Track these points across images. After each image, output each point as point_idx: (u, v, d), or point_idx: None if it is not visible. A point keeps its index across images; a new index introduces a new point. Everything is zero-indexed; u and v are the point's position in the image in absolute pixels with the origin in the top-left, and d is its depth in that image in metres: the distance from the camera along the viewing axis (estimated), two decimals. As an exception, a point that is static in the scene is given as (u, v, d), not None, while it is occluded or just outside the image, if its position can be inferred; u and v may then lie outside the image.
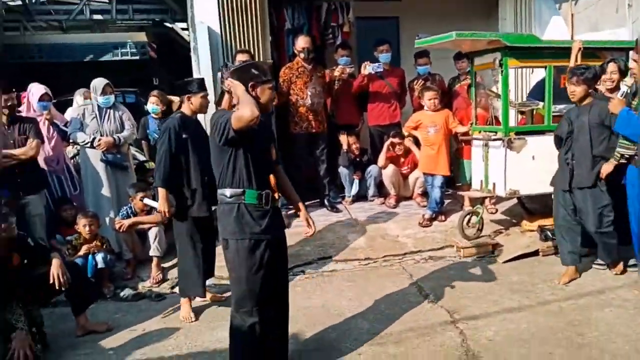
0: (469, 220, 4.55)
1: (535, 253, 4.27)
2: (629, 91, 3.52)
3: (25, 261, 3.17)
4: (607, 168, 3.63)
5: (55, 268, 3.08)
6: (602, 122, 3.62)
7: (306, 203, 5.45)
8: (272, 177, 2.65)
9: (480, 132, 4.77)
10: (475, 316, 3.34)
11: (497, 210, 5.17)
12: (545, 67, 4.42)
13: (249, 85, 2.47)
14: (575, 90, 3.68)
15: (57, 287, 3.10)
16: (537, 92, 4.81)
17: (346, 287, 3.90)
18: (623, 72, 3.97)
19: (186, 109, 3.58)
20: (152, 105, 5.03)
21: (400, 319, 3.35)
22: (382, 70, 5.60)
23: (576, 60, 4.14)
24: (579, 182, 3.67)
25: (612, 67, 3.99)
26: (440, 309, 3.49)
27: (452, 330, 3.18)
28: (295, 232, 4.83)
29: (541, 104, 4.57)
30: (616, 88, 3.87)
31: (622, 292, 3.55)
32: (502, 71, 4.33)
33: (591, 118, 3.65)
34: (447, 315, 3.38)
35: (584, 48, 4.18)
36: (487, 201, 4.91)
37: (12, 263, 3.07)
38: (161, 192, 3.47)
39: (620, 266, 3.82)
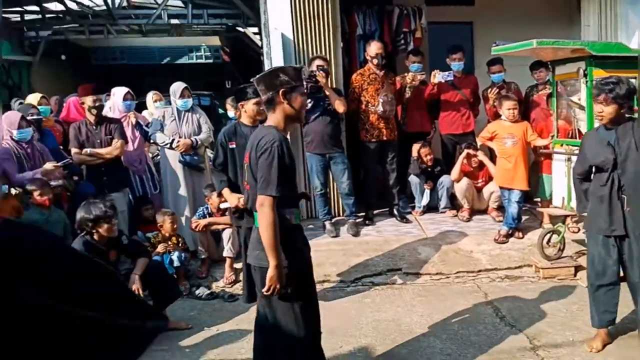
0: (549, 239, 4.31)
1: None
2: None
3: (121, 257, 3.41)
4: None
5: (134, 284, 3.26)
6: None
7: (375, 212, 5.49)
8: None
9: (562, 145, 4.52)
10: (558, 344, 3.16)
11: (579, 230, 4.87)
12: (635, 78, 4.12)
13: (280, 91, 2.27)
14: (604, 110, 2.99)
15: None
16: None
17: (417, 302, 3.81)
18: None
19: (243, 117, 3.64)
20: (230, 112, 5.13)
21: (475, 341, 3.23)
22: (452, 79, 5.45)
23: None
24: (638, 224, 2.92)
25: None
26: (519, 333, 3.32)
27: (532, 357, 3.02)
28: (364, 241, 4.81)
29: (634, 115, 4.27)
30: None
31: None
32: (586, 82, 4.07)
33: (638, 140, 2.91)
34: (527, 341, 3.21)
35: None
36: (568, 219, 4.62)
37: (109, 258, 3.30)
38: (225, 191, 3.66)
39: None
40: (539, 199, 5.16)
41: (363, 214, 5.36)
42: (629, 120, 3.01)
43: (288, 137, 2.50)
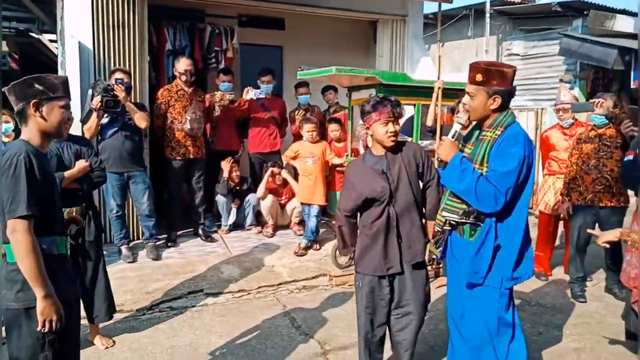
0: (341, 249, 4.64)
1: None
2: (459, 131, 2.55)
3: None
4: (432, 229, 2.65)
5: None
6: (417, 170, 2.65)
7: (179, 232, 5.30)
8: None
9: (354, 163, 4.95)
10: (345, 346, 3.39)
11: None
12: (415, 105, 4.74)
13: (32, 103, 2.04)
14: (396, 129, 2.59)
15: None
16: (406, 128, 5.14)
17: (217, 323, 3.74)
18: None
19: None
20: (5, 124, 4.32)
21: (271, 354, 3.29)
22: (263, 96, 5.65)
23: (437, 99, 4.47)
24: (412, 257, 2.64)
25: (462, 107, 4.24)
26: (312, 340, 3.49)
27: (322, 362, 3.18)
28: (164, 265, 4.60)
29: (409, 138, 4.88)
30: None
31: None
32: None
33: (407, 166, 2.62)
34: (318, 347, 3.38)
35: (449, 88, 4.49)
36: (359, 230, 5.05)
37: None
38: None
39: None
40: (333, 213, 5.57)
41: (165, 235, 5.15)
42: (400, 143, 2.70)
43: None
